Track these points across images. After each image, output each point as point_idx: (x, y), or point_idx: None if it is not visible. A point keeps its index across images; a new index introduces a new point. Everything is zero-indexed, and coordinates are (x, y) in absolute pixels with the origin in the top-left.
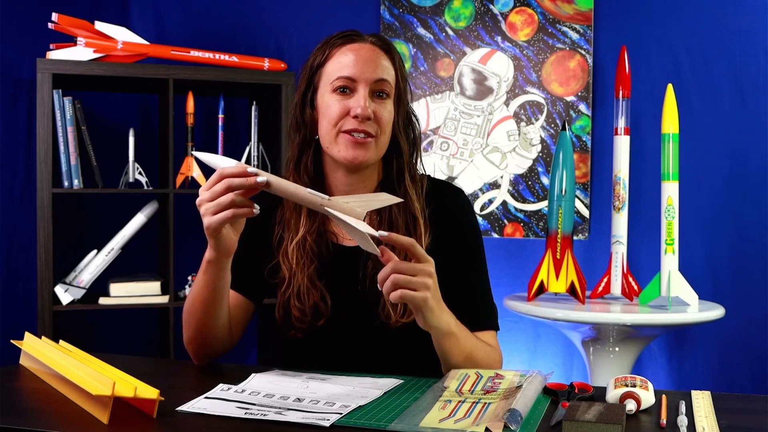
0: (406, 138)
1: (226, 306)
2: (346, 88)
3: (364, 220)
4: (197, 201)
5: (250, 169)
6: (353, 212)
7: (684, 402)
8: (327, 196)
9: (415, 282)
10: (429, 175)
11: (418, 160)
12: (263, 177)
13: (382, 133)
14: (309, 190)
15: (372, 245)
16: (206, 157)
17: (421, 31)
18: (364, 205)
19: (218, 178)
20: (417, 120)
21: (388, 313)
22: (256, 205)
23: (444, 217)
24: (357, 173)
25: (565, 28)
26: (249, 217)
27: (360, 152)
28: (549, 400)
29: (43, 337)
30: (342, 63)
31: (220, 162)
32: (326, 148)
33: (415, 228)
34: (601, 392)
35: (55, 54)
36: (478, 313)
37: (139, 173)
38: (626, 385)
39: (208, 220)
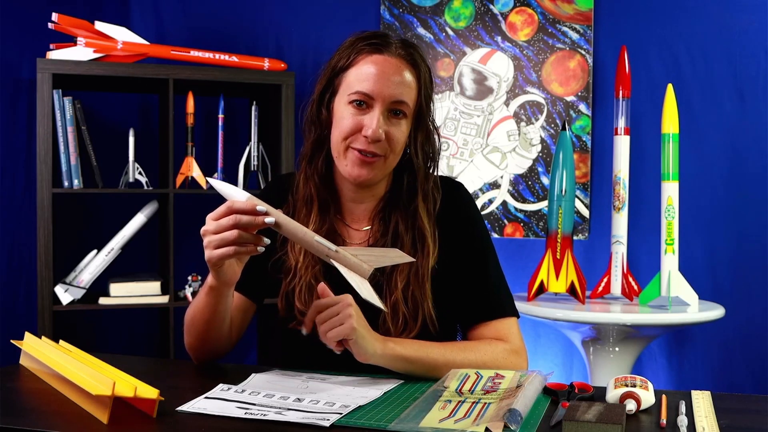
0: (423, 157)
1: (227, 322)
2: (362, 102)
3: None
4: (202, 230)
5: (260, 207)
6: (359, 268)
7: (684, 402)
8: (334, 247)
9: (338, 318)
10: (436, 175)
11: (435, 172)
12: (272, 218)
13: (392, 153)
14: (317, 238)
15: (376, 300)
16: (220, 186)
17: (421, 31)
18: (373, 261)
19: (226, 211)
20: (438, 134)
21: (387, 327)
22: (265, 239)
23: (447, 216)
24: (364, 186)
25: (565, 28)
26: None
27: (365, 171)
28: (549, 400)
29: (43, 337)
30: (363, 75)
31: (233, 193)
32: (334, 157)
33: (423, 246)
34: (601, 392)
35: (55, 54)
36: (492, 302)
37: (139, 173)
38: (626, 385)
39: (209, 253)
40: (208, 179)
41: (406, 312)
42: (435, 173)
